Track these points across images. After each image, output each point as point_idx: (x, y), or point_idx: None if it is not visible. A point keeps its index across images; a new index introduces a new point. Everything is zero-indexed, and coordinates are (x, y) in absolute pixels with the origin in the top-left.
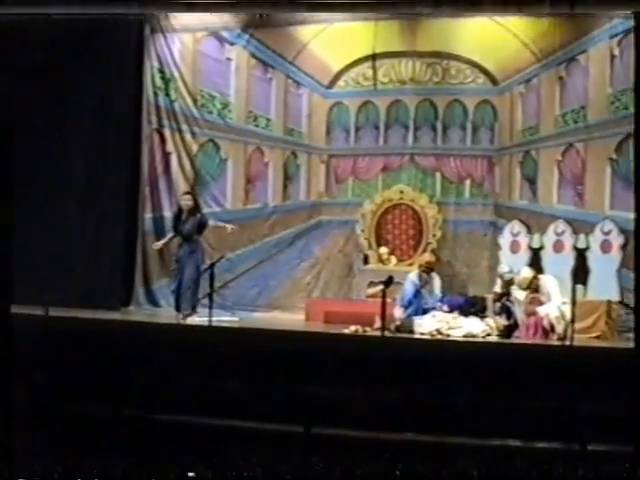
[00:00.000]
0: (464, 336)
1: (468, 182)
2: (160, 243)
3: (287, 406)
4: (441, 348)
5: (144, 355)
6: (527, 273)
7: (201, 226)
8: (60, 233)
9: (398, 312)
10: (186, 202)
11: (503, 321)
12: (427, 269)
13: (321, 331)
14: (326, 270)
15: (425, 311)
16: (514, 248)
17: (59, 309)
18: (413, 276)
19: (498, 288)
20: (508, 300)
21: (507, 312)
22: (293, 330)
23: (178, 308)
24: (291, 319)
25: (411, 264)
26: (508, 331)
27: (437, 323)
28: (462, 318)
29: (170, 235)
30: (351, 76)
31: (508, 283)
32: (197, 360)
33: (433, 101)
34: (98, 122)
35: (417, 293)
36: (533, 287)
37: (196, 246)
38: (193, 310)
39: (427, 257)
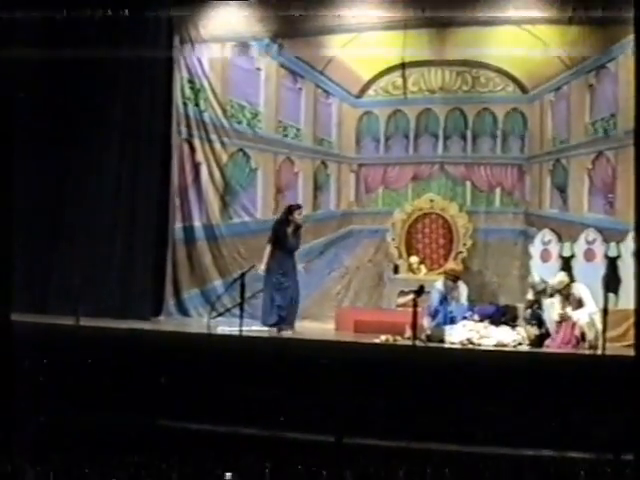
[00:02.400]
0: (495, 345)
1: (498, 191)
2: (264, 261)
3: (318, 416)
4: (472, 358)
5: (176, 364)
6: (563, 277)
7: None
8: (92, 244)
9: (426, 321)
10: (300, 216)
11: (534, 330)
12: (452, 277)
13: (351, 340)
14: (356, 279)
15: (452, 320)
16: (545, 257)
17: (90, 319)
18: (438, 284)
19: (530, 296)
20: (539, 308)
21: (538, 321)
22: (323, 339)
23: (281, 323)
24: (321, 328)
25: (441, 273)
26: (539, 340)
27: (468, 332)
28: (493, 327)
29: (268, 251)
30: (381, 85)
31: (539, 293)
32: (228, 369)
33: (463, 110)
34: (129, 133)
35: (442, 301)
36: (565, 293)
37: (295, 261)
38: (291, 325)
39: (452, 265)
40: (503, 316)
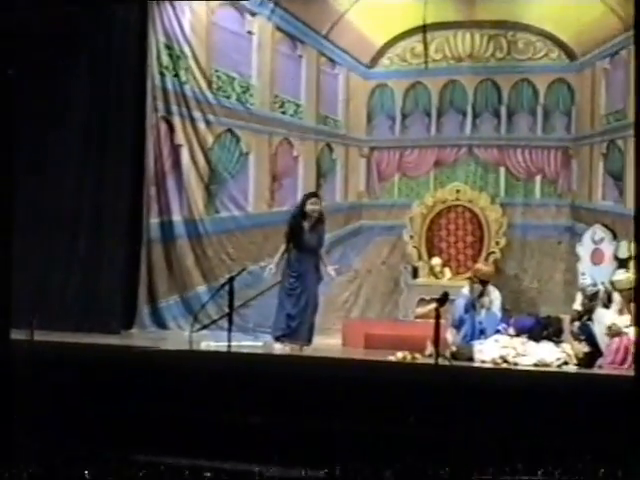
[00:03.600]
0: (535, 365)
1: (539, 179)
2: (275, 261)
3: (319, 447)
4: (507, 379)
5: (149, 387)
6: (629, 275)
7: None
8: (50, 243)
9: (451, 335)
10: (313, 207)
11: (583, 347)
12: (481, 281)
13: (361, 358)
14: (367, 285)
15: (482, 334)
16: (596, 259)
17: (46, 333)
18: (466, 291)
19: (578, 305)
20: (589, 320)
21: (588, 336)
22: (327, 357)
23: (291, 336)
24: (325, 344)
25: (469, 278)
26: (589, 359)
27: (502, 349)
28: (532, 343)
29: (282, 249)
30: (397, 52)
31: (591, 299)
32: (213, 393)
33: (496, 81)
34: (93, 109)
35: (471, 311)
36: (627, 297)
37: (318, 261)
38: (305, 340)
39: (480, 266)
40: (545, 330)
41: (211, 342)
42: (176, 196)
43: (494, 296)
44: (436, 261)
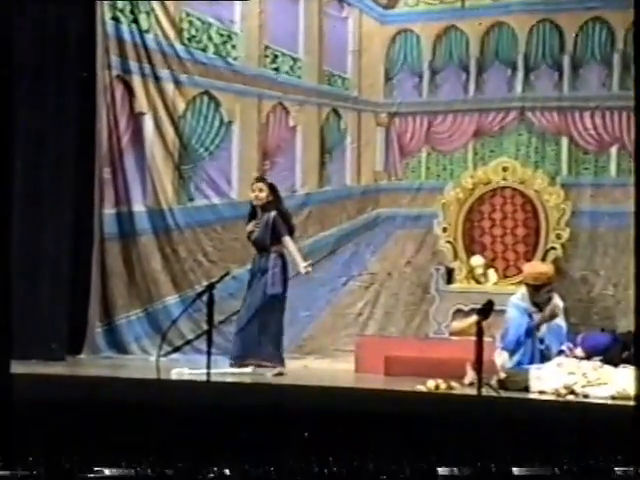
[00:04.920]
0: (613, 397)
1: (614, 151)
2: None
3: None
4: (575, 417)
5: (106, 429)
6: None
7: (277, 227)
8: None
9: (499, 357)
10: (257, 193)
11: None
12: (541, 286)
13: (380, 388)
14: (387, 293)
15: (542, 355)
16: None
17: None
18: (518, 299)
19: None
20: None
21: None
22: (336, 387)
23: (245, 357)
24: (333, 369)
25: (522, 282)
26: None
27: (567, 376)
28: (609, 368)
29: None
30: None
31: None
32: (188, 435)
33: (556, 22)
34: (28, 66)
35: (530, 330)
36: None
37: (275, 261)
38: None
39: (539, 267)
40: (625, 350)
41: (185, 369)
42: (137, 180)
43: (556, 306)
44: (477, 261)
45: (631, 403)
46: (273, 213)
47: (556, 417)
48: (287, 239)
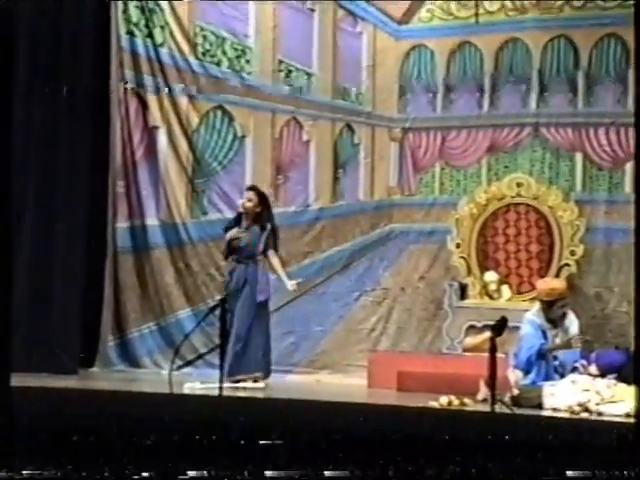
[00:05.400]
0: (627, 415)
1: (629, 167)
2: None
3: None
4: (589, 434)
5: (118, 443)
6: None
7: (271, 240)
8: None
9: (513, 374)
10: (244, 201)
11: None
12: (554, 302)
13: (393, 404)
14: (400, 308)
15: (556, 372)
16: None
17: None
18: (533, 315)
19: None
20: None
21: None
22: (348, 402)
23: (236, 371)
24: (346, 385)
25: (536, 298)
26: None
27: (581, 393)
28: (623, 386)
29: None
30: (437, 3)
31: None
32: (199, 451)
33: (572, 38)
34: (43, 81)
35: (539, 342)
36: None
37: (263, 269)
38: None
39: (551, 283)
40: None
41: (197, 383)
42: (151, 193)
43: (572, 325)
44: (491, 276)
45: None
46: (269, 226)
47: (569, 434)
48: (272, 253)
